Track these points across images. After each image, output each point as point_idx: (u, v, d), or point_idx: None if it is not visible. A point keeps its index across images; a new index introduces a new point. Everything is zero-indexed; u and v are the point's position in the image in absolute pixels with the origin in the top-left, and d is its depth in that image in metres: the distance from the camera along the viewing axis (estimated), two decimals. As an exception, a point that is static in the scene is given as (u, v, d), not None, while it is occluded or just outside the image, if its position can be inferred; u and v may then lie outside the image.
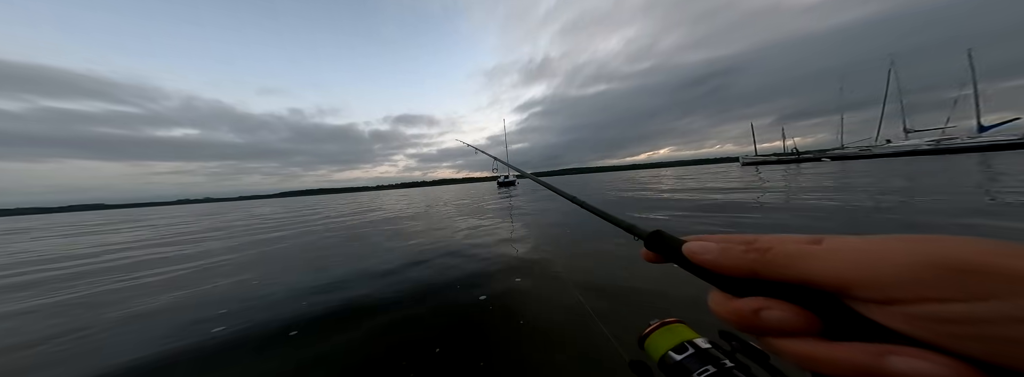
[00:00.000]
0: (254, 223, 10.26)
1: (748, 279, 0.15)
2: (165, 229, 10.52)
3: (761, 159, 64.00)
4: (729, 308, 0.15)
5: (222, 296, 2.63)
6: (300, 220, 10.13)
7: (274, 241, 5.73)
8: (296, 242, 5.44)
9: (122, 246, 6.84)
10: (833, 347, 0.12)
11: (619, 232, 0.26)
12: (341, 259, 3.70)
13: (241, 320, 2.08)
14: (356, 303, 2.25)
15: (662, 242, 0.21)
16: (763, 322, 0.14)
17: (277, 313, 2.15)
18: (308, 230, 7.13)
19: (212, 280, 3.18)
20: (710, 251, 0.17)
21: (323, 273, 3.10)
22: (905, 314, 0.10)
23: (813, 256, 0.13)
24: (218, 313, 2.24)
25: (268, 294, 2.57)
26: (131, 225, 14.63)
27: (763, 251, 0.14)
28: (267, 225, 9.17)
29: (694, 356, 0.25)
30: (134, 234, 9.65)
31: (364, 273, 3.00)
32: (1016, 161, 12.68)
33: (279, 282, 2.89)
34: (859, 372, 0.11)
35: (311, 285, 2.72)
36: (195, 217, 18.19)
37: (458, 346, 1.57)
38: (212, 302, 2.50)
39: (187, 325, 2.07)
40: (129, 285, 3.26)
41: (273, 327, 1.93)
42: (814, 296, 0.13)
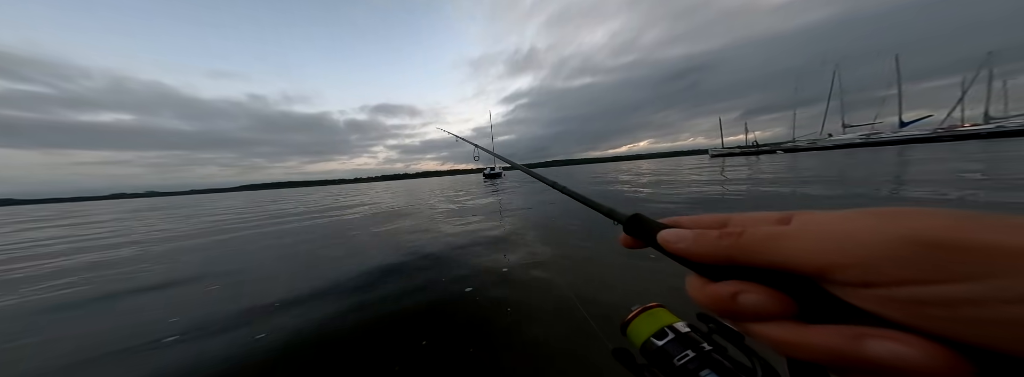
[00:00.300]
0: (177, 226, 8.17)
1: (725, 265, 0.15)
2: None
3: (727, 151, 71.84)
4: (706, 293, 0.15)
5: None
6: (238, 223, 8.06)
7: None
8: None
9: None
10: (808, 330, 0.12)
11: (605, 223, 0.26)
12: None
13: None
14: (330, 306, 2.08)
15: (641, 227, 0.21)
16: (740, 307, 0.14)
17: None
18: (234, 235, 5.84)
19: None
20: (684, 239, 0.17)
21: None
22: (882, 296, 0.10)
23: (786, 238, 0.12)
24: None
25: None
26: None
27: (736, 236, 0.14)
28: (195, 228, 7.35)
29: (674, 341, 0.26)
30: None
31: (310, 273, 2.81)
32: (924, 154, 14.52)
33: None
34: (834, 356, 0.11)
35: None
36: (123, 214, 16.09)
37: (445, 338, 1.55)
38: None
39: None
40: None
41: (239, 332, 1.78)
42: (790, 279, 0.13)
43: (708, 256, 0.15)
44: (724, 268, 0.15)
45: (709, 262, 0.16)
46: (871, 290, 0.10)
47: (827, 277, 0.11)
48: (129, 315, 2.22)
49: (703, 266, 0.16)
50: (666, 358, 0.25)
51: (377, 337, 1.64)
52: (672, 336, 0.26)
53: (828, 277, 0.11)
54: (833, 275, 0.11)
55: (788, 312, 0.13)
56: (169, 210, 17.49)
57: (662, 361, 0.26)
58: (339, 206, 10.85)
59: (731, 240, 0.14)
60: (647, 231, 0.20)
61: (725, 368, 0.23)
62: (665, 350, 0.26)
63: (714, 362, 0.23)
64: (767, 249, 0.13)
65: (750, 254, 0.14)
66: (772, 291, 0.13)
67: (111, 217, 14.03)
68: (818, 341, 0.11)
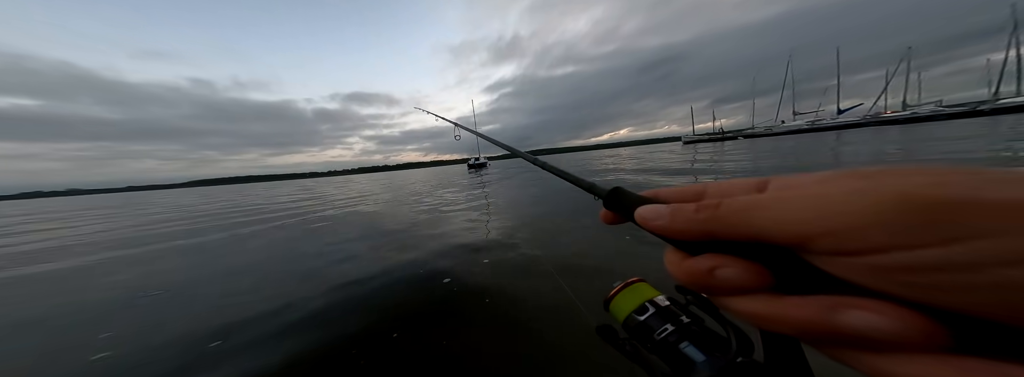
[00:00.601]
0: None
1: (703, 240, 0.15)
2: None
3: (698, 138, 79.47)
4: (684, 268, 0.15)
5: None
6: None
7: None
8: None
9: None
10: (782, 302, 0.12)
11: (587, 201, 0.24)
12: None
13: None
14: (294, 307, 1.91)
15: (620, 201, 0.20)
16: (717, 281, 0.14)
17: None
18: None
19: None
20: (661, 216, 0.16)
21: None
22: (865, 265, 0.09)
23: (760, 208, 0.12)
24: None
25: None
26: None
27: (713, 208, 0.14)
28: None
29: (655, 315, 0.26)
30: None
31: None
32: (856, 138, 17.17)
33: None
34: (807, 328, 0.11)
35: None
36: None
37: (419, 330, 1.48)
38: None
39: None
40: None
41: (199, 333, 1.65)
42: (768, 251, 0.13)
43: (686, 232, 0.15)
44: (703, 243, 0.15)
45: (688, 238, 0.15)
46: (851, 258, 0.10)
47: (806, 247, 0.11)
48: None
49: (683, 241, 0.16)
50: (648, 333, 0.26)
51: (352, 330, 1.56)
52: (652, 311, 0.27)
53: (806, 247, 0.11)
54: (810, 245, 0.11)
55: (765, 284, 0.13)
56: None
57: (644, 336, 0.26)
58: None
59: (708, 213, 0.14)
60: (626, 206, 0.20)
61: (703, 340, 0.24)
62: (646, 325, 0.26)
63: (693, 334, 0.24)
64: (744, 221, 0.13)
65: (728, 227, 0.13)
66: (749, 264, 0.13)
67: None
68: (792, 313, 0.11)
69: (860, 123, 54.33)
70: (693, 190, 0.18)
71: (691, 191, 0.18)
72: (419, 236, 3.49)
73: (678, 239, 0.16)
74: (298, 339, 1.53)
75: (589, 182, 0.26)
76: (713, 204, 0.14)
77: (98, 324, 1.93)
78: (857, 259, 0.10)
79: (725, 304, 0.14)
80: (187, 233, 5.37)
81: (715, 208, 0.14)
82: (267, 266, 2.85)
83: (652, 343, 0.26)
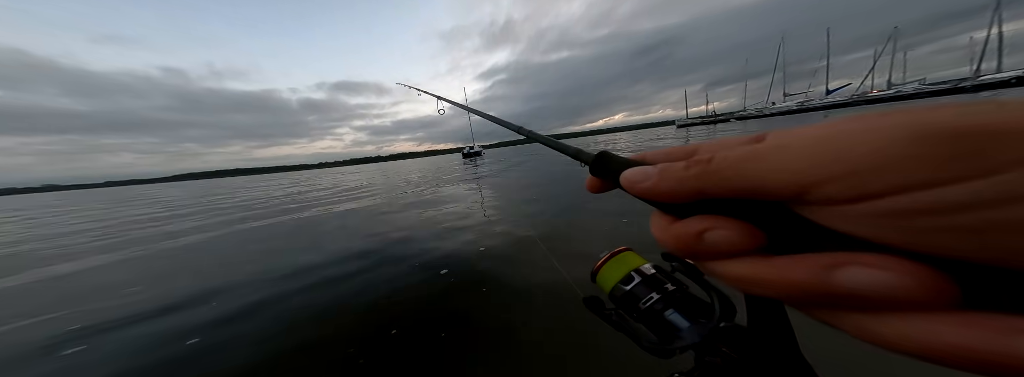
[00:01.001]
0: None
1: (693, 201, 0.13)
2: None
3: (692, 122, 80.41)
4: (671, 233, 0.14)
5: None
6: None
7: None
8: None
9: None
10: (771, 264, 0.11)
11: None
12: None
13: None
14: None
15: (606, 166, 0.19)
16: (705, 245, 0.12)
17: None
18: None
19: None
20: (649, 177, 0.15)
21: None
22: (871, 211, 0.08)
23: (761, 157, 0.11)
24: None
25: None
26: None
27: (705, 163, 0.13)
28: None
29: (641, 284, 0.26)
30: None
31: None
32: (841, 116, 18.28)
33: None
34: (800, 291, 0.10)
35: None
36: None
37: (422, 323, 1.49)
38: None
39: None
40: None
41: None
42: (761, 207, 0.12)
43: (675, 192, 0.14)
44: (693, 204, 0.14)
45: (676, 200, 0.14)
46: (856, 206, 0.09)
47: (806, 197, 0.10)
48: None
49: (670, 204, 0.15)
50: (633, 302, 0.26)
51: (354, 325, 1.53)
52: (638, 279, 0.26)
53: (807, 197, 0.10)
54: (813, 193, 0.09)
55: (756, 245, 0.12)
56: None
57: (630, 305, 0.26)
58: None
59: (699, 168, 0.13)
60: (613, 171, 0.18)
61: (688, 306, 0.24)
62: (632, 294, 0.26)
63: (677, 301, 0.24)
64: (738, 173, 0.11)
65: (721, 182, 0.12)
66: (741, 224, 0.12)
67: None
68: (783, 275, 0.10)
69: (847, 103, 55.89)
70: (683, 150, 0.17)
71: (681, 151, 0.17)
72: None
73: (666, 201, 0.14)
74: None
75: (575, 149, 0.25)
76: (705, 159, 0.13)
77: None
78: (862, 206, 0.09)
79: (712, 269, 0.13)
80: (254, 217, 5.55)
81: (707, 163, 0.13)
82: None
83: (638, 312, 0.26)
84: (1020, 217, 0.06)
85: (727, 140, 0.15)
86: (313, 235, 3.67)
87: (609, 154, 0.19)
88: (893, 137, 0.08)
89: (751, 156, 0.11)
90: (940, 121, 0.08)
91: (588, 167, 0.20)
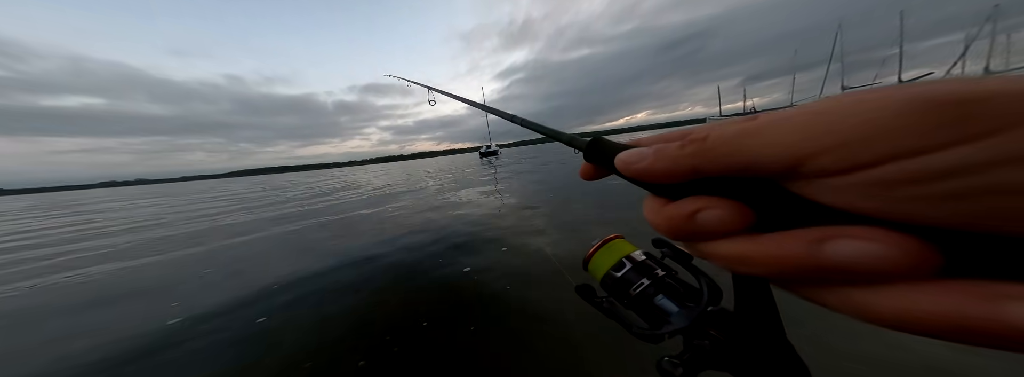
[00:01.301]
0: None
1: (689, 181, 0.13)
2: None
3: (726, 119, 71.31)
4: (664, 215, 0.14)
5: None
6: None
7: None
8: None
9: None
10: (758, 241, 0.11)
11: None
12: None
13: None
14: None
15: (600, 152, 0.19)
16: (698, 226, 0.12)
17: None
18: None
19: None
20: (644, 158, 0.15)
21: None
22: (861, 182, 0.08)
23: (755, 133, 0.11)
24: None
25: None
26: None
27: (700, 141, 0.13)
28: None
29: (631, 270, 0.26)
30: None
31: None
32: None
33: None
34: (787, 266, 0.10)
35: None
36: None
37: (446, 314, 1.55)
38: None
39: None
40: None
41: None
42: (752, 185, 0.12)
43: (671, 172, 0.13)
44: (687, 185, 0.14)
45: (671, 180, 0.14)
46: (845, 177, 0.09)
47: (799, 170, 0.10)
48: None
49: (664, 186, 0.15)
50: (624, 288, 0.26)
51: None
52: (629, 266, 0.27)
53: (800, 170, 0.10)
54: (806, 166, 0.09)
55: (746, 224, 0.12)
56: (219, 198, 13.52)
57: (621, 292, 0.26)
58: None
59: (695, 146, 0.13)
60: (607, 156, 0.18)
61: (676, 292, 0.24)
62: (623, 280, 0.26)
63: (667, 287, 0.24)
64: (733, 149, 0.11)
65: (716, 158, 0.12)
66: (733, 203, 0.12)
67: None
68: (770, 251, 0.10)
69: None
70: (678, 133, 0.17)
71: (676, 134, 0.17)
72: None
73: (661, 181, 0.14)
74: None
75: (569, 135, 0.26)
76: (700, 137, 0.13)
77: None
78: (852, 176, 0.09)
79: (703, 251, 0.13)
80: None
81: (702, 141, 0.13)
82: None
83: (629, 298, 0.26)
84: (1003, 181, 0.06)
85: (722, 122, 0.14)
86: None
87: (603, 140, 0.19)
88: (883, 107, 0.08)
89: (745, 132, 0.11)
90: (931, 91, 0.08)
91: (582, 153, 0.20)
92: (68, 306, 2.28)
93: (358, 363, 1.26)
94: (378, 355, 1.29)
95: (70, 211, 12.74)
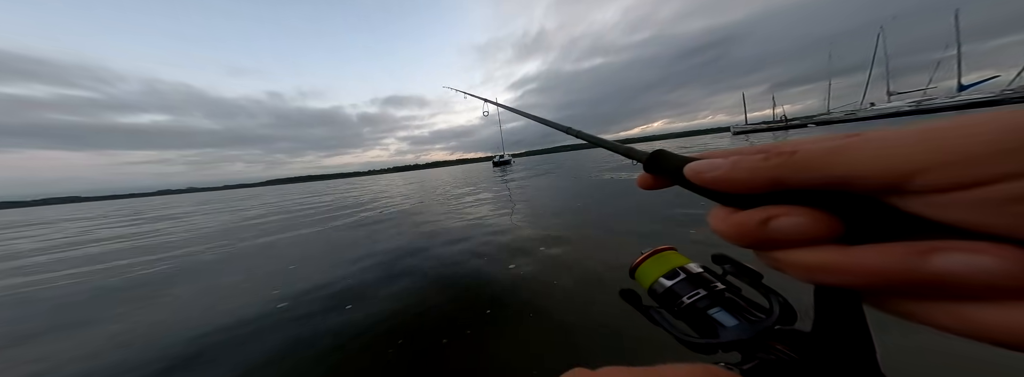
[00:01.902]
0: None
1: (765, 192, 0.13)
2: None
3: (752, 128, 66.63)
4: (732, 222, 0.14)
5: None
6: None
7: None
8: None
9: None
10: (858, 251, 0.10)
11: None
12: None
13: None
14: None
15: (663, 163, 0.19)
16: (771, 232, 0.12)
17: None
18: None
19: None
20: (719, 167, 0.14)
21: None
22: (979, 199, 0.08)
23: (855, 148, 0.10)
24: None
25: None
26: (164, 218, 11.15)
27: (788, 154, 0.12)
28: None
29: (685, 281, 0.25)
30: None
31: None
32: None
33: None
34: (892, 278, 0.09)
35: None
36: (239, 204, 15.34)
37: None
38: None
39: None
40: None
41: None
42: (841, 198, 0.11)
43: (748, 182, 0.13)
44: (760, 196, 0.13)
45: (747, 190, 0.14)
46: (963, 193, 0.09)
47: (905, 185, 0.09)
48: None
49: (734, 196, 0.14)
50: (674, 297, 0.25)
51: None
52: (683, 276, 0.26)
53: (907, 185, 0.09)
54: (915, 181, 0.09)
55: (832, 234, 0.11)
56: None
57: (669, 300, 0.25)
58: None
59: (781, 159, 0.12)
60: (672, 167, 0.18)
61: (738, 306, 0.22)
62: (673, 290, 0.25)
63: (726, 301, 0.23)
64: (828, 163, 0.11)
65: (804, 171, 0.12)
66: (814, 211, 0.12)
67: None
68: (869, 261, 0.10)
69: (996, 100, 40.64)
70: (756, 148, 0.16)
71: (754, 149, 0.16)
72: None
73: (736, 191, 0.14)
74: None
75: (626, 147, 0.26)
76: (787, 151, 0.12)
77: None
78: (965, 193, 0.09)
79: (779, 260, 0.13)
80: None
81: (791, 154, 0.12)
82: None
83: (678, 308, 0.25)
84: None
85: (814, 137, 0.14)
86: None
87: (666, 152, 0.20)
88: (1002, 128, 0.08)
89: (846, 147, 0.11)
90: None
91: (642, 165, 0.21)
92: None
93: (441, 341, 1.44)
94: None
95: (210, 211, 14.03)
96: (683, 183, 0.17)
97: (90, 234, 8.01)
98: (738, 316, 0.21)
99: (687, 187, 0.17)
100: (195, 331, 1.78)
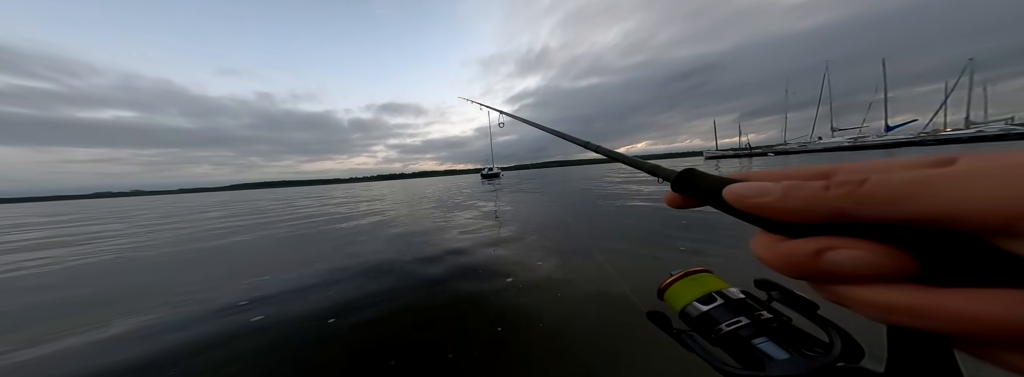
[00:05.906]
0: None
1: (822, 224, 0.12)
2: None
3: (721, 154, 73.06)
4: (780, 250, 0.12)
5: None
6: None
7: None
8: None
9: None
10: (941, 294, 0.09)
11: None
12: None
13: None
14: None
15: (695, 183, 0.18)
16: (826, 266, 0.11)
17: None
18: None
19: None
20: (768, 193, 0.13)
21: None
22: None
23: (958, 182, 0.09)
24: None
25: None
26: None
27: (855, 184, 0.11)
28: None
29: (723, 307, 0.23)
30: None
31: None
32: (911, 156, 16.02)
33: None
34: (993, 326, 0.08)
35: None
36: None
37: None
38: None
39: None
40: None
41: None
42: (915, 234, 0.10)
43: (804, 212, 0.12)
44: (818, 227, 0.12)
45: (801, 221, 0.12)
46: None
47: (1015, 228, 0.08)
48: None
49: (781, 224, 0.13)
50: (710, 323, 0.23)
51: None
52: (721, 301, 0.24)
53: (1016, 227, 0.08)
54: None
55: (903, 272, 0.10)
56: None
57: (705, 326, 0.23)
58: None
59: (847, 189, 0.11)
60: (705, 187, 0.17)
61: (789, 338, 0.20)
62: (710, 315, 0.23)
63: (772, 331, 0.21)
64: (911, 197, 0.10)
65: (880, 206, 0.10)
66: (878, 245, 0.11)
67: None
68: (962, 308, 0.09)
69: (913, 141, 48.89)
70: (809, 171, 0.15)
71: (805, 172, 0.15)
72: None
73: (786, 221, 0.13)
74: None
75: (652, 164, 0.26)
76: (855, 180, 0.11)
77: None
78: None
79: (841, 295, 0.12)
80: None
81: (858, 184, 0.11)
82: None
83: (715, 335, 0.22)
84: None
85: (881, 163, 0.12)
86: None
87: (697, 171, 0.19)
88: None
89: (932, 179, 0.10)
90: None
91: (669, 184, 0.21)
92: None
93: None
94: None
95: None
96: (718, 205, 0.16)
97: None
98: (790, 349, 0.19)
99: (722, 209, 0.15)
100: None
